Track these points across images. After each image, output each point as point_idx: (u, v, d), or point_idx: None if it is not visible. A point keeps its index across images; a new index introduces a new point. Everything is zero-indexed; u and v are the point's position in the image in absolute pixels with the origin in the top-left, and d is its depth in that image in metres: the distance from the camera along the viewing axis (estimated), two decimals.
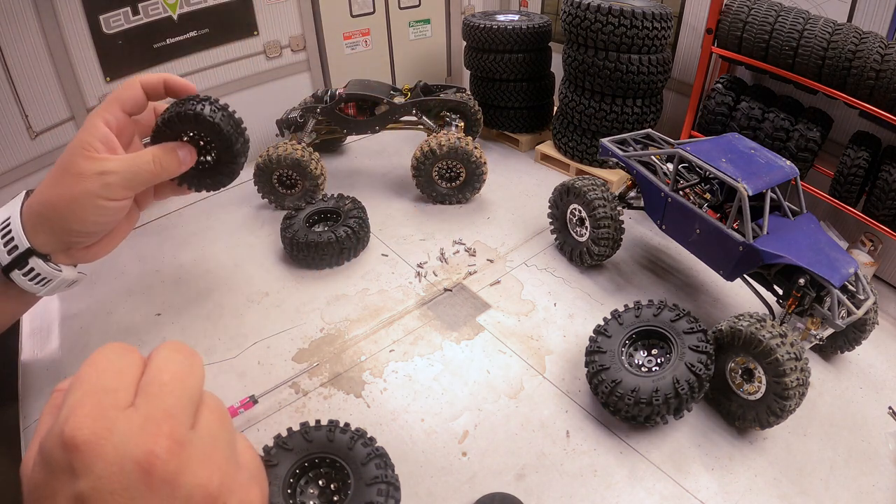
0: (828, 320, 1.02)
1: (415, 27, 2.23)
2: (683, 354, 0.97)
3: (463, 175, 1.60)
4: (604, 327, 1.06)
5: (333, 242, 1.32)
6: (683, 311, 1.03)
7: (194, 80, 1.71)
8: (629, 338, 1.04)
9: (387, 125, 1.67)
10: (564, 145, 1.85)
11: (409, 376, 1.08)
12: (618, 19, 1.55)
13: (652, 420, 0.96)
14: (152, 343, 1.08)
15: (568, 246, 1.41)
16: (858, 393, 1.15)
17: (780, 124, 1.53)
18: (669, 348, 1.01)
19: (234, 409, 0.94)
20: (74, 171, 0.85)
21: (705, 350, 0.97)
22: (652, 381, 0.94)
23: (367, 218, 1.44)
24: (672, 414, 0.95)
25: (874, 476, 0.99)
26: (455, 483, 0.90)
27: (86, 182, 0.86)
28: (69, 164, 0.86)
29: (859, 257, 1.48)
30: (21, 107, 1.41)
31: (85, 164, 0.85)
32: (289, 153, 1.51)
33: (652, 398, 0.92)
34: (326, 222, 1.44)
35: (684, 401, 0.93)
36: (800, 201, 1.19)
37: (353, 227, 1.36)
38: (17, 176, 1.45)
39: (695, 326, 1.00)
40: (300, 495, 0.81)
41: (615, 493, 0.91)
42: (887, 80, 1.30)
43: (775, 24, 1.46)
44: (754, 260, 1.08)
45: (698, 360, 0.95)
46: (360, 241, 1.39)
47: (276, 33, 1.86)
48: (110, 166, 0.86)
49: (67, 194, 0.86)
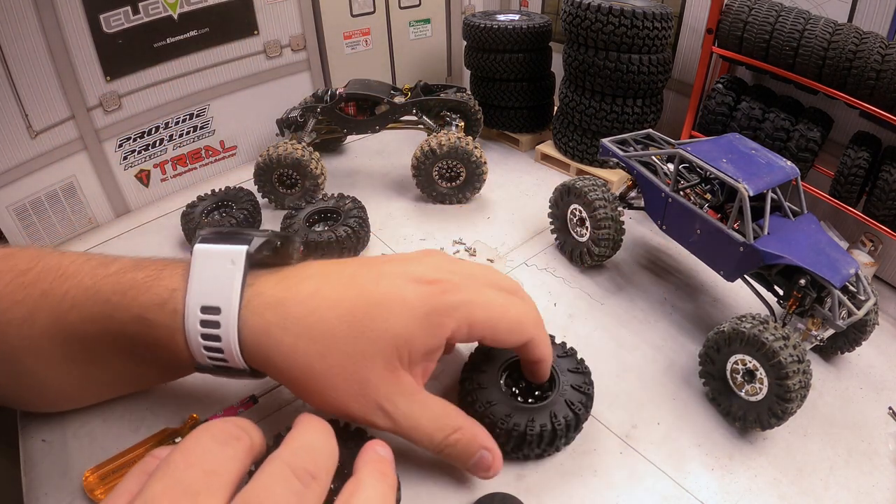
0: (828, 321, 1.02)
1: (415, 27, 2.23)
2: (564, 392, 0.92)
3: (463, 175, 1.60)
4: (487, 348, 0.97)
5: (333, 242, 1.32)
6: (571, 350, 0.99)
7: (194, 79, 1.72)
8: (511, 364, 0.96)
9: (387, 125, 1.67)
10: (564, 145, 1.85)
11: None
12: (618, 19, 1.55)
13: (520, 451, 0.89)
14: None
15: (568, 246, 1.41)
16: (858, 393, 1.15)
17: (780, 124, 1.53)
18: (550, 384, 0.95)
19: (234, 409, 0.93)
20: (359, 370, 0.62)
21: (587, 392, 0.93)
22: (528, 412, 0.88)
23: (367, 217, 1.43)
24: (542, 448, 0.89)
25: (874, 476, 0.99)
26: (455, 483, 0.90)
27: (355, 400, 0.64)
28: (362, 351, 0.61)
29: (859, 257, 1.48)
30: (21, 106, 1.41)
31: (377, 376, 0.63)
32: (289, 153, 1.51)
33: (526, 428, 0.86)
34: (326, 222, 1.44)
35: (558, 436, 0.88)
36: (800, 201, 1.19)
37: (353, 226, 1.36)
38: (17, 175, 1.45)
39: (580, 367, 0.96)
40: None
41: (615, 493, 0.90)
42: (888, 80, 1.30)
43: (776, 25, 1.46)
44: (755, 260, 1.08)
45: (578, 401, 0.91)
46: (360, 241, 1.39)
47: (277, 33, 1.86)
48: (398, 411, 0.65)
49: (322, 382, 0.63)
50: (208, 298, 0.59)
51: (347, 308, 0.61)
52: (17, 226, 1.48)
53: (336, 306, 0.61)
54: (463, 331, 0.66)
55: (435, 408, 0.69)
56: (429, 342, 0.64)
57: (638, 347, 1.18)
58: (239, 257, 0.60)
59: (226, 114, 1.84)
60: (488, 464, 0.74)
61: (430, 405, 0.68)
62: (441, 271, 0.68)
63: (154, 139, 1.71)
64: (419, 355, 0.64)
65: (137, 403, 0.97)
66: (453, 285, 0.66)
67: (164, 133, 1.72)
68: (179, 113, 1.73)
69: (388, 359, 0.61)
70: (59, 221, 1.56)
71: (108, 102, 1.57)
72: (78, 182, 1.59)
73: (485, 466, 0.74)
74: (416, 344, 0.63)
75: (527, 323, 0.74)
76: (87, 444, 0.90)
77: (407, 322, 0.62)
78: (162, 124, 1.71)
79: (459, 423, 0.71)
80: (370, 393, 0.62)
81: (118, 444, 0.89)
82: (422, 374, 0.67)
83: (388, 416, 0.64)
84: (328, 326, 0.60)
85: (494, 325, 0.69)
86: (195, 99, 1.75)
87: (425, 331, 0.63)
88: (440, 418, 0.69)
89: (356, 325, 0.60)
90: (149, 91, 1.64)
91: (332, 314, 0.61)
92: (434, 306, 0.63)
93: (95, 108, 1.56)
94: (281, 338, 0.59)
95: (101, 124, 1.58)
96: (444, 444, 0.70)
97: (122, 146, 1.65)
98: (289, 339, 0.59)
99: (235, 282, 0.59)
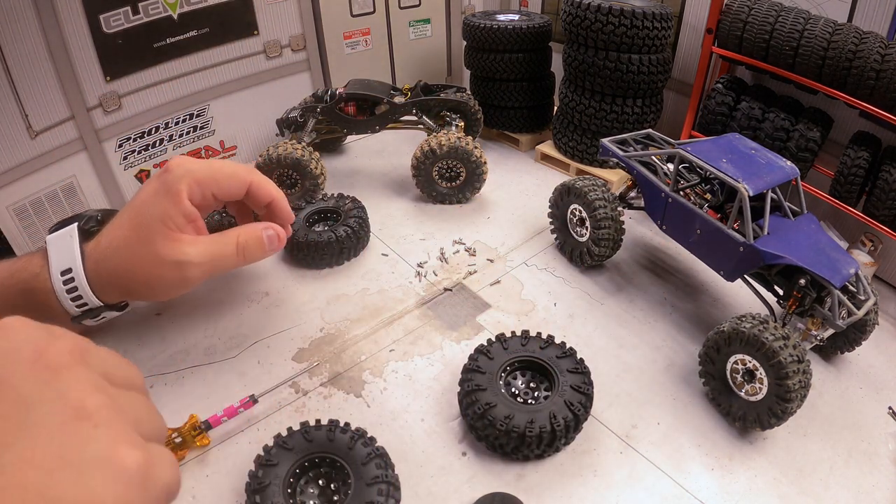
0: (828, 321, 1.02)
1: (415, 27, 2.23)
2: (564, 392, 0.93)
3: (463, 175, 1.60)
4: (486, 348, 1.01)
5: (333, 242, 1.32)
6: (571, 350, 1.00)
7: (194, 79, 1.72)
8: (510, 364, 0.99)
9: (387, 125, 1.67)
10: (564, 145, 1.85)
11: (409, 376, 1.08)
12: (618, 19, 1.55)
13: (520, 452, 0.91)
14: (151, 342, 1.08)
15: (568, 246, 1.41)
16: (858, 393, 1.15)
17: (780, 124, 1.53)
18: (550, 384, 0.97)
19: (234, 409, 0.94)
20: (152, 250, 0.83)
21: (586, 392, 0.94)
22: (527, 413, 0.90)
23: (368, 217, 1.43)
24: (541, 449, 0.90)
25: (874, 476, 0.99)
26: (455, 483, 0.90)
27: (163, 268, 0.84)
28: (146, 237, 0.83)
29: (859, 257, 1.48)
30: (21, 106, 1.41)
31: (164, 246, 0.83)
32: (289, 153, 1.51)
33: (526, 429, 0.88)
34: (326, 222, 1.44)
35: (558, 437, 0.89)
36: (800, 201, 1.19)
37: (353, 226, 1.36)
38: (17, 175, 1.45)
39: (580, 367, 0.97)
40: (300, 495, 0.81)
41: (615, 493, 0.91)
42: (887, 80, 1.30)
43: (775, 24, 1.46)
44: (755, 260, 1.08)
45: (578, 401, 0.92)
46: (360, 241, 1.39)
47: (277, 33, 1.86)
48: (191, 256, 0.84)
49: (142, 274, 0.85)
50: (62, 264, 0.83)
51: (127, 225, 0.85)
52: (17, 226, 1.48)
53: (120, 227, 0.86)
54: (195, 189, 0.85)
55: (211, 238, 0.88)
56: (178, 208, 0.83)
57: (638, 347, 1.18)
58: (73, 231, 0.85)
59: (226, 114, 1.84)
60: (277, 235, 0.93)
61: (209, 240, 0.88)
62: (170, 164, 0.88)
63: (154, 139, 1.71)
64: (180, 219, 0.84)
65: None
66: (175, 165, 0.86)
67: (164, 133, 1.72)
68: (179, 113, 1.73)
69: (161, 231, 0.82)
70: None
71: (108, 102, 1.57)
72: (78, 182, 1.59)
73: (277, 240, 0.93)
74: (171, 212, 0.83)
75: (240, 171, 0.91)
76: None
77: (155, 202, 0.83)
78: (162, 124, 1.71)
79: (235, 232, 0.90)
80: (165, 257, 0.83)
81: None
82: (194, 230, 0.86)
83: (187, 265, 0.84)
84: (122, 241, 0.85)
85: (215, 177, 0.87)
86: (195, 99, 1.75)
87: (168, 199, 0.83)
88: (220, 240, 0.88)
89: (134, 231, 0.84)
90: (149, 91, 1.64)
91: (122, 233, 0.85)
92: (164, 182, 0.84)
93: (95, 108, 1.56)
94: (105, 265, 0.85)
95: (100, 124, 1.58)
96: (240, 251, 0.89)
97: (121, 146, 1.65)
98: (108, 264, 0.84)
99: (75, 246, 0.83)
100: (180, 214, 0.83)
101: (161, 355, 1.05)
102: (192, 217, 0.85)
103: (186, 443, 0.89)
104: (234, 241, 0.89)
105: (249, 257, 0.91)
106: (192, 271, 0.85)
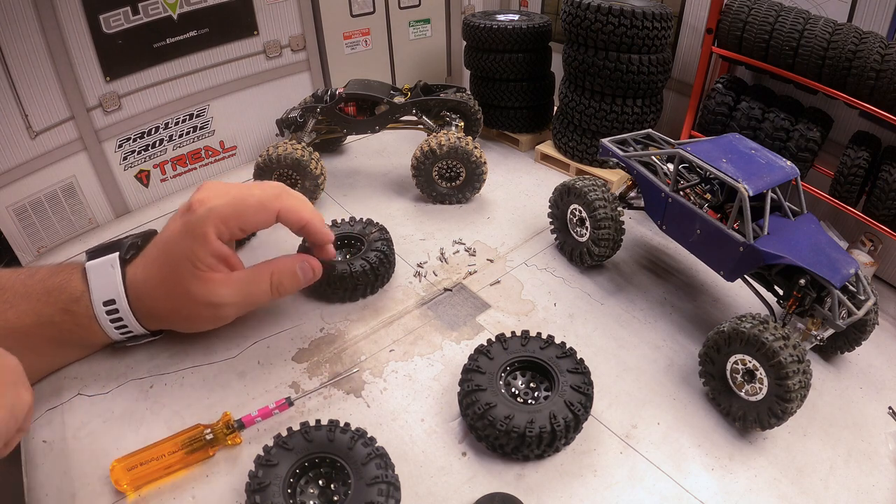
0: (828, 321, 1.02)
1: (415, 27, 2.23)
2: (564, 392, 0.93)
3: (463, 175, 1.60)
4: (486, 348, 1.01)
5: (347, 277, 1.18)
6: (571, 350, 1.00)
7: (194, 80, 1.72)
8: (510, 365, 0.99)
9: (387, 125, 1.67)
10: (564, 145, 1.85)
11: (409, 376, 1.08)
12: (618, 19, 1.55)
13: (520, 452, 0.91)
14: (151, 342, 1.07)
15: (568, 246, 1.41)
16: (858, 393, 1.15)
17: (780, 124, 1.53)
18: (550, 384, 0.98)
19: (269, 410, 0.93)
20: (185, 291, 0.86)
21: (586, 392, 0.94)
22: (527, 413, 0.90)
23: (393, 252, 1.29)
24: (542, 449, 0.90)
25: (874, 476, 0.99)
26: (455, 483, 0.90)
27: (199, 308, 0.87)
28: (179, 279, 0.85)
29: (859, 257, 1.47)
30: (21, 107, 1.41)
31: (197, 287, 0.85)
32: (289, 153, 1.51)
33: (526, 429, 0.88)
34: (348, 248, 1.30)
35: (558, 437, 0.90)
36: (800, 201, 1.19)
37: (371, 261, 1.21)
38: (17, 176, 1.45)
39: (580, 367, 0.98)
40: (300, 495, 0.81)
41: (615, 493, 0.91)
42: (887, 80, 1.30)
43: (775, 24, 1.46)
44: (755, 260, 1.08)
45: (578, 401, 0.92)
46: (378, 278, 1.22)
47: (276, 33, 1.86)
48: (224, 298, 0.86)
49: (183, 311, 0.89)
50: (104, 295, 0.86)
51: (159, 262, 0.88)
52: (17, 226, 1.48)
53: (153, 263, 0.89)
54: (221, 229, 0.85)
55: (245, 276, 0.89)
56: (206, 249, 0.84)
57: (638, 347, 1.18)
58: (115, 262, 0.88)
59: (226, 114, 1.84)
60: (311, 267, 0.95)
61: (240, 278, 0.88)
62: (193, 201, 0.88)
63: (154, 139, 1.71)
64: (209, 260, 0.85)
65: (137, 404, 0.97)
66: (198, 204, 0.86)
67: (164, 133, 1.72)
68: (179, 113, 1.73)
69: (192, 272, 0.84)
70: (58, 222, 1.56)
71: (108, 103, 1.57)
72: (78, 182, 1.58)
73: (310, 272, 0.95)
74: (199, 253, 0.84)
75: (267, 200, 0.89)
76: (88, 445, 0.90)
77: (182, 242, 0.85)
78: (162, 124, 1.71)
79: (269, 269, 0.91)
80: (199, 299, 0.85)
81: (118, 445, 0.89)
82: (228, 266, 0.87)
83: (221, 306, 0.87)
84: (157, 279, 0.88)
85: (240, 213, 0.86)
86: (195, 99, 1.75)
87: (195, 241, 0.84)
88: (254, 278, 0.89)
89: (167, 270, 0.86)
90: (148, 91, 1.64)
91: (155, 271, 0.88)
92: (187, 224, 0.85)
93: (95, 108, 1.55)
94: (145, 300, 0.89)
95: (100, 125, 1.58)
96: (274, 288, 0.91)
97: (121, 146, 1.64)
98: (148, 300, 0.89)
99: (118, 280, 0.87)
100: (209, 255, 0.84)
101: (161, 355, 1.05)
102: (222, 256, 0.85)
103: (218, 440, 0.89)
104: (267, 279, 0.90)
105: (284, 292, 0.93)
106: (226, 311, 0.89)
